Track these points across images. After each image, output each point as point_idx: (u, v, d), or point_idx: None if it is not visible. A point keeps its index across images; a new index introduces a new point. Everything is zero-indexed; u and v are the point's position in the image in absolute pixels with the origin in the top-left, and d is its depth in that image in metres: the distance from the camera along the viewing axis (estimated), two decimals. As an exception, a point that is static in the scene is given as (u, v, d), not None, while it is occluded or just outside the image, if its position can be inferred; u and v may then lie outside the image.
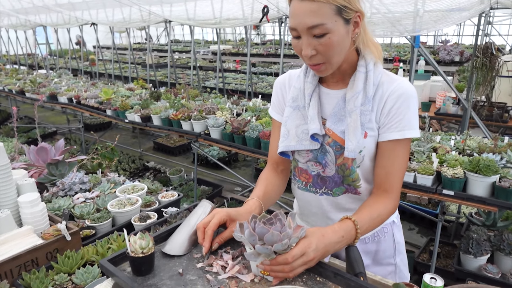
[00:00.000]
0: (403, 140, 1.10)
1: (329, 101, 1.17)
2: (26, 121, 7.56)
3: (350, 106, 1.10)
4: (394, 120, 1.09)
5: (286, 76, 1.30)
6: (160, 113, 3.81)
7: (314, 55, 1.02)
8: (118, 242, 1.54)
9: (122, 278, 0.97)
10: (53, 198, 1.96)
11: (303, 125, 1.17)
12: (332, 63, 1.05)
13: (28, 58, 12.49)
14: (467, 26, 11.86)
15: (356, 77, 1.11)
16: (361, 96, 1.09)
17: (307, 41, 1.01)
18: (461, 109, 4.21)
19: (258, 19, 4.87)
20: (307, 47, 1.01)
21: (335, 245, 0.98)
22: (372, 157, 1.15)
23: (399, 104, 1.08)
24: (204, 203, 1.25)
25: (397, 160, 1.12)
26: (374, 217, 1.07)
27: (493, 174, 2.14)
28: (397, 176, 1.13)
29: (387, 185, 1.12)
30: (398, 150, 1.11)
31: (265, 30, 16.66)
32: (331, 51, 1.01)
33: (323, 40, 0.99)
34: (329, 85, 1.18)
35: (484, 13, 3.76)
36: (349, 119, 1.10)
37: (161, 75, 9.77)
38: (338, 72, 1.14)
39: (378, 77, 1.11)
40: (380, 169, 1.13)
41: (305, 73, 1.21)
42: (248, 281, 0.98)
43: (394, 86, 1.10)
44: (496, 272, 2.63)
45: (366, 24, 1.08)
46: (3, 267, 1.34)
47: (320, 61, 1.04)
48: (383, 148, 1.12)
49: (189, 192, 4.27)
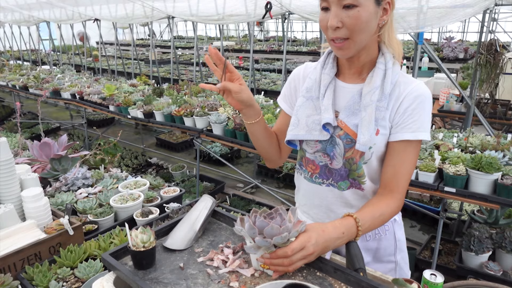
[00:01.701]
0: (414, 141, 1.11)
1: (344, 94, 1.18)
2: (30, 117, 7.59)
3: (366, 100, 1.10)
4: (409, 121, 1.09)
5: (302, 68, 1.30)
6: (163, 109, 3.82)
7: (339, 27, 1.02)
8: (120, 236, 1.55)
9: (123, 272, 0.98)
10: (56, 193, 1.98)
11: (314, 115, 1.17)
12: (355, 41, 1.04)
13: (32, 54, 12.52)
14: (472, 23, 11.79)
15: (374, 73, 1.11)
16: (378, 92, 1.09)
17: (335, 11, 1.01)
18: (464, 107, 4.19)
19: (261, 15, 4.87)
20: (334, 17, 1.01)
21: (336, 241, 0.99)
22: (379, 156, 1.15)
23: (416, 105, 1.09)
24: (205, 198, 1.25)
25: (406, 161, 1.11)
26: (376, 216, 1.07)
27: (496, 172, 2.13)
28: (405, 177, 1.12)
29: (394, 184, 1.12)
30: (409, 151, 1.11)
31: (268, 26, 16.62)
32: (357, 25, 1.01)
33: (351, 12, 0.99)
34: (345, 79, 1.19)
35: (489, 9, 3.73)
36: (363, 113, 1.10)
37: (164, 71, 9.78)
38: (357, 62, 1.14)
39: (396, 76, 1.12)
40: (388, 168, 1.13)
41: (322, 65, 1.21)
42: (248, 275, 0.99)
43: (412, 87, 1.11)
44: (497, 269, 2.63)
45: (393, 20, 1.09)
46: (6, 261, 1.36)
47: (345, 35, 1.03)
48: (394, 148, 1.12)
49: (191, 188, 4.28)
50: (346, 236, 1.01)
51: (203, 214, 1.20)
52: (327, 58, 1.21)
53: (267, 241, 0.91)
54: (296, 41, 13.73)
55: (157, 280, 0.98)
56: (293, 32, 15.91)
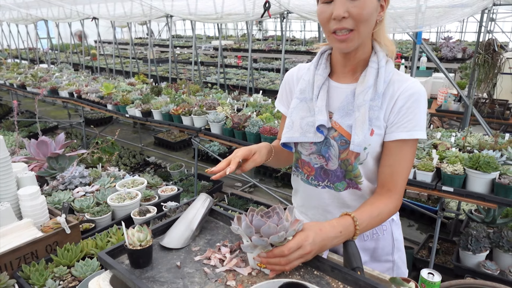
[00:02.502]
0: (410, 140, 1.10)
1: (337, 95, 1.17)
2: (27, 115, 7.57)
3: (359, 100, 1.09)
4: (404, 120, 1.09)
5: (295, 70, 1.30)
6: (161, 108, 3.81)
7: (345, 17, 1.01)
8: (118, 235, 1.54)
9: (120, 271, 0.97)
10: (53, 191, 1.97)
11: (308, 117, 1.17)
12: (360, 32, 1.03)
13: (30, 52, 12.48)
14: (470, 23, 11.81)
15: (367, 72, 1.11)
16: (371, 91, 1.09)
17: (341, 1, 1.01)
18: (462, 106, 4.20)
19: (260, 14, 4.86)
20: (340, 7, 1.00)
21: (333, 240, 0.98)
22: (375, 156, 1.15)
23: (410, 103, 1.08)
24: (202, 197, 1.25)
25: (403, 160, 1.11)
26: (374, 215, 1.07)
27: (493, 171, 2.14)
28: (402, 176, 1.12)
29: (391, 184, 1.12)
30: (405, 150, 1.11)
31: (267, 25, 16.61)
32: (363, 16, 1.01)
33: (358, 2, 1.00)
34: (339, 79, 1.18)
35: (487, 9, 3.74)
36: (357, 113, 1.09)
37: (162, 70, 9.75)
38: (353, 59, 1.13)
39: (390, 75, 1.11)
40: (385, 168, 1.13)
41: (315, 65, 1.21)
42: (245, 274, 0.99)
43: (406, 85, 1.10)
44: (494, 268, 2.64)
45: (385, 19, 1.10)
46: (3, 259, 1.35)
47: (350, 26, 1.02)
48: (390, 147, 1.12)
49: (189, 187, 4.28)
50: (344, 235, 1.00)
51: (200, 213, 1.20)
52: (320, 59, 1.21)
53: (263, 240, 0.91)
54: (295, 40, 13.73)
55: (153, 278, 0.98)
56: (292, 31, 15.91)
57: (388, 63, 1.13)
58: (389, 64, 1.13)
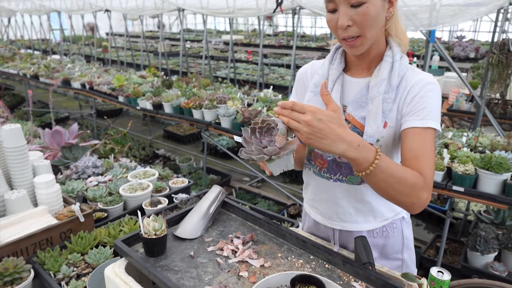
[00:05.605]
0: (426, 129, 1.06)
1: (351, 88, 1.18)
2: (39, 106, 7.65)
3: (373, 92, 1.10)
4: (417, 108, 1.07)
5: (308, 65, 1.32)
6: (172, 101, 3.84)
7: (350, 26, 1.02)
8: (130, 225, 1.57)
9: (135, 258, 1.00)
10: (67, 180, 2.00)
11: None
12: (367, 37, 1.04)
13: (42, 43, 12.60)
14: (484, 22, 11.62)
15: (381, 66, 1.12)
16: (385, 84, 1.10)
17: (344, 11, 1.01)
18: (474, 106, 4.15)
19: (272, 10, 4.85)
20: (344, 17, 1.01)
21: (343, 141, 0.90)
22: (388, 150, 1.15)
23: (423, 93, 1.08)
24: (215, 189, 1.27)
25: (425, 146, 1.05)
26: (399, 170, 0.98)
27: (505, 172, 2.12)
28: (428, 161, 1.03)
29: (419, 168, 1.02)
30: (423, 137, 1.06)
31: (277, 21, 16.53)
32: (367, 21, 1.01)
33: (360, 9, 1.00)
34: (353, 74, 1.19)
35: (503, 8, 3.69)
36: (370, 105, 1.10)
37: (173, 64, 9.78)
38: (368, 58, 1.14)
39: (404, 69, 1.12)
40: (408, 153, 1.06)
41: (330, 60, 1.22)
42: (258, 266, 1.00)
43: (420, 77, 1.10)
44: (503, 270, 2.63)
45: (398, 11, 1.10)
46: (19, 245, 1.38)
47: (356, 33, 1.03)
48: (407, 135, 1.07)
49: (198, 181, 4.30)
50: (358, 152, 0.91)
51: (213, 205, 1.22)
52: (335, 54, 1.22)
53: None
54: (305, 36, 13.65)
55: (168, 267, 1.00)
56: (302, 27, 15.81)
57: (403, 58, 1.14)
58: (404, 59, 1.14)
